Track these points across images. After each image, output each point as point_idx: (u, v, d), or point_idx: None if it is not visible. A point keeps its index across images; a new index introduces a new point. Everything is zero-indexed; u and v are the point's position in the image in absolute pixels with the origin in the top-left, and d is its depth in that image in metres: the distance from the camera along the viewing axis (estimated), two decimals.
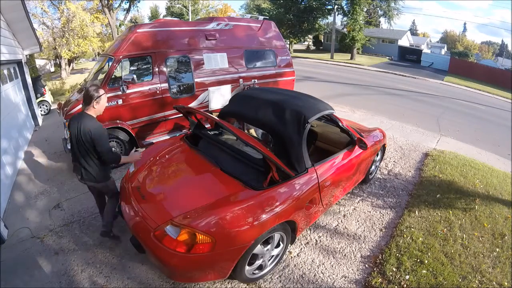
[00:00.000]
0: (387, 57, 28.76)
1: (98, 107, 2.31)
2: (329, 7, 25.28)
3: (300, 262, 2.59)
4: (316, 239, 2.89)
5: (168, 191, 2.33)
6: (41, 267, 2.48)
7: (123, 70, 4.15)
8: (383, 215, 3.35)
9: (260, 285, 2.34)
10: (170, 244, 1.86)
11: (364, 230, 3.07)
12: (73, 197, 3.56)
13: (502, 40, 59.90)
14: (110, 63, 4.11)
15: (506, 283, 2.44)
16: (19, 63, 6.36)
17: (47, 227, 3.01)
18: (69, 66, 21.63)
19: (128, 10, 20.35)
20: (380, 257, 2.67)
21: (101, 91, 2.30)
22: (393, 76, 17.42)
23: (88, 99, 2.25)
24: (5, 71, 5.28)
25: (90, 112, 2.29)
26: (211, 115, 2.70)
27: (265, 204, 2.10)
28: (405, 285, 2.35)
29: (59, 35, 16.30)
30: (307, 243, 2.83)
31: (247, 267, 2.16)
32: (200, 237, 1.83)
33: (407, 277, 2.42)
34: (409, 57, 28.18)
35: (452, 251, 2.76)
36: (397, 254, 2.67)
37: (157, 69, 4.42)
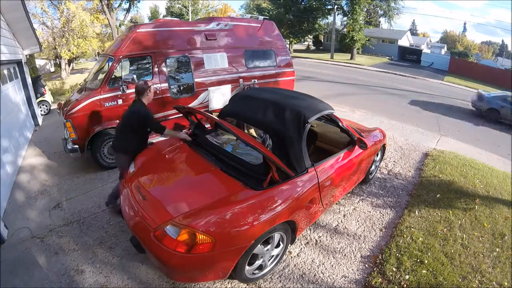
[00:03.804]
0: (387, 57, 28.74)
1: (150, 95, 2.92)
2: (329, 7, 25.27)
3: (300, 262, 2.59)
4: (316, 239, 2.89)
5: (168, 191, 2.33)
6: (41, 267, 2.48)
7: (123, 70, 4.15)
8: (383, 215, 3.35)
9: (260, 285, 2.34)
10: (170, 244, 1.86)
11: (364, 230, 3.07)
12: (73, 197, 3.56)
13: (502, 40, 60.00)
14: (110, 63, 4.11)
15: (506, 283, 2.44)
16: (19, 63, 6.36)
17: (47, 227, 3.01)
18: (69, 66, 21.61)
19: (128, 10, 20.40)
20: (380, 257, 2.67)
21: (150, 83, 2.95)
22: (393, 76, 17.41)
23: (142, 90, 2.83)
24: (5, 71, 5.28)
25: (144, 100, 2.87)
26: (211, 115, 2.70)
27: (265, 204, 2.10)
28: (405, 285, 2.35)
29: (59, 35, 16.28)
30: (307, 243, 2.83)
31: (247, 267, 2.16)
32: (200, 237, 1.83)
33: (407, 277, 2.42)
34: (409, 57, 28.16)
35: (452, 251, 2.76)
36: (397, 254, 2.67)
37: (157, 69, 4.42)
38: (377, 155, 3.83)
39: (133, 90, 4.18)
